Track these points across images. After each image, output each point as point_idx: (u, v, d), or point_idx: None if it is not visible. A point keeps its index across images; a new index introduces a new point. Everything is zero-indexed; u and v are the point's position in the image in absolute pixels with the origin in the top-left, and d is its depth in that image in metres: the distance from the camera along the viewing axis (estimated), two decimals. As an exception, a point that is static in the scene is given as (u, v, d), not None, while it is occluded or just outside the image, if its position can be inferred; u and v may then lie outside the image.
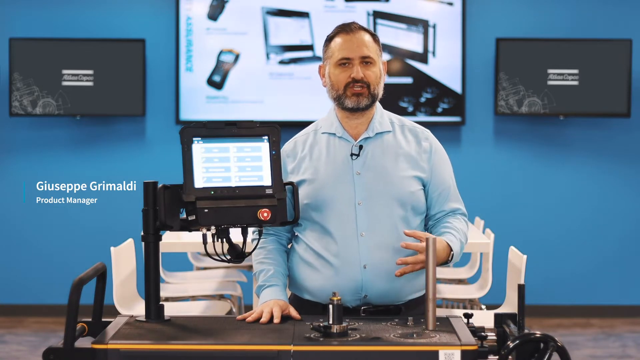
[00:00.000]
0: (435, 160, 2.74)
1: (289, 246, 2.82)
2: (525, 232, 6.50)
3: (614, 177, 6.58)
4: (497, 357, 2.21)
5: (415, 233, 2.54)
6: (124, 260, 4.30)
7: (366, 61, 2.67)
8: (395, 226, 2.67)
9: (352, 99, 2.68)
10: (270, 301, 2.55)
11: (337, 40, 2.70)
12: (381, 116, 2.76)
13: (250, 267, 5.33)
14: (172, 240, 4.41)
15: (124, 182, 6.51)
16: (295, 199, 2.55)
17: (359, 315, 2.65)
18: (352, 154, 2.70)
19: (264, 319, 2.45)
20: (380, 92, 2.71)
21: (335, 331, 2.25)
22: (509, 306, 4.25)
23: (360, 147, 2.70)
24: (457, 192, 2.78)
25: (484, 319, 3.83)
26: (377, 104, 2.76)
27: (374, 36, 2.73)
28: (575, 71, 6.40)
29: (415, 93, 6.48)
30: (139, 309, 4.16)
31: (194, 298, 4.91)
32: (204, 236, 2.38)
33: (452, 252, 2.61)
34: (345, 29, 2.71)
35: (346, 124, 2.74)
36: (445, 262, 2.62)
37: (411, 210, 2.70)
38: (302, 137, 2.80)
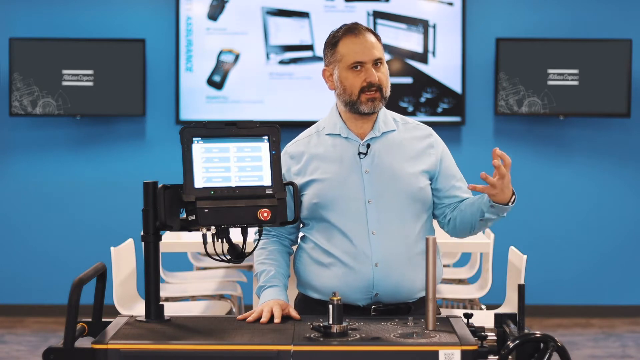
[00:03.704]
0: (441, 155, 2.76)
1: (293, 248, 2.83)
2: (525, 232, 6.50)
3: (614, 177, 6.58)
4: (497, 357, 2.21)
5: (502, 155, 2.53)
6: (124, 260, 4.30)
7: (377, 64, 2.68)
8: (405, 223, 2.69)
9: (368, 104, 2.68)
10: (270, 301, 2.55)
11: (346, 43, 2.69)
12: (385, 115, 2.77)
13: (251, 267, 5.33)
14: (172, 240, 4.41)
15: (124, 182, 6.53)
16: (295, 199, 2.55)
17: (369, 314, 2.65)
18: (359, 153, 2.71)
19: (264, 319, 2.45)
20: (389, 92, 2.72)
21: (335, 331, 2.25)
22: (509, 306, 4.25)
23: (368, 146, 2.71)
24: (466, 183, 2.80)
25: (484, 319, 3.83)
26: None
27: (377, 36, 2.73)
28: (575, 71, 6.40)
29: (415, 93, 6.48)
30: (139, 309, 4.17)
31: (194, 298, 4.91)
32: (204, 236, 2.38)
33: (514, 196, 2.59)
34: (353, 31, 2.70)
35: (352, 124, 2.74)
36: (506, 203, 2.59)
37: (421, 205, 2.71)
38: (304, 139, 2.80)
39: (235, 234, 2.42)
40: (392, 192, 2.68)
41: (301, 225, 2.81)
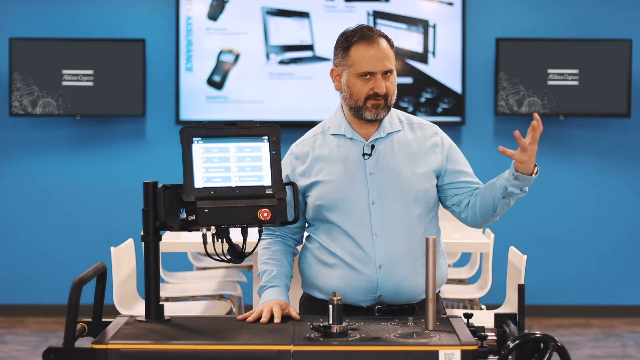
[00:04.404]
0: (448, 153, 2.75)
1: (298, 248, 2.83)
2: (525, 232, 6.50)
3: (614, 177, 6.58)
4: (497, 357, 2.21)
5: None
6: (124, 260, 4.30)
7: (387, 72, 2.67)
8: (409, 225, 2.68)
9: (372, 111, 2.67)
10: (270, 301, 2.55)
11: (359, 50, 2.67)
12: (390, 116, 2.76)
13: (251, 267, 5.33)
14: (172, 240, 4.41)
15: (124, 182, 6.53)
16: (295, 200, 2.55)
17: (373, 314, 2.65)
18: (364, 154, 2.71)
19: (264, 319, 2.45)
20: (394, 99, 2.72)
21: (335, 331, 2.25)
22: (509, 306, 4.25)
23: (372, 147, 2.71)
24: (476, 177, 2.79)
25: (484, 319, 3.82)
26: None
27: (390, 41, 2.71)
28: (575, 71, 6.40)
29: (415, 93, 6.48)
30: (139, 309, 4.17)
31: (194, 298, 4.91)
32: (204, 236, 2.38)
33: (536, 167, 2.59)
34: (367, 38, 2.67)
35: (356, 125, 2.74)
36: (530, 174, 2.58)
37: (425, 207, 2.71)
38: (310, 139, 2.79)
39: (235, 234, 2.42)
40: (396, 193, 2.67)
41: (306, 225, 2.81)
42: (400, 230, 2.67)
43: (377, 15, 6.47)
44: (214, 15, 6.47)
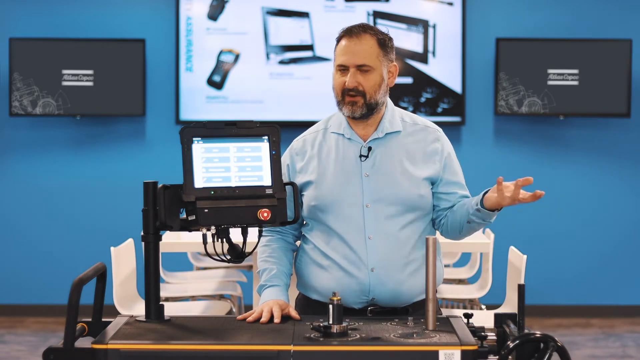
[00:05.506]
0: (445, 162, 2.73)
1: (297, 243, 2.82)
2: (525, 232, 6.50)
3: (614, 177, 6.58)
4: (497, 357, 2.21)
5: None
6: (124, 260, 4.31)
7: (362, 70, 2.64)
8: (403, 229, 2.67)
9: (348, 107, 2.65)
10: (270, 301, 2.55)
11: (341, 43, 2.66)
12: (392, 115, 2.74)
13: (251, 267, 5.34)
14: (172, 240, 4.41)
15: (124, 182, 6.53)
16: (295, 199, 2.55)
17: (365, 315, 2.65)
18: (360, 156, 2.69)
19: (264, 319, 2.45)
20: (380, 99, 2.66)
21: (335, 331, 2.25)
22: (509, 306, 4.25)
23: (369, 149, 2.69)
24: (467, 191, 2.79)
25: (484, 319, 3.83)
26: (389, 103, 2.74)
27: (382, 39, 2.67)
28: (575, 71, 6.40)
29: (415, 93, 6.48)
30: (139, 309, 4.17)
31: (194, 298, 4.91)
32: (204, 236, 2.38)
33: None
34: (349, 32, 2.66)
35: (354, 124, 2.72)
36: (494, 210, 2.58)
37: (419, 212, 2.69)
38: (311, 135, 2.78)
39: (236, 234, 2.42)
40: (391, 197, 2.66)
41: (304, 223, 2.81)
42: (394, 234, 2.65)
43: (377, 15, 6.47)
44: (214, 15, 6.47)
